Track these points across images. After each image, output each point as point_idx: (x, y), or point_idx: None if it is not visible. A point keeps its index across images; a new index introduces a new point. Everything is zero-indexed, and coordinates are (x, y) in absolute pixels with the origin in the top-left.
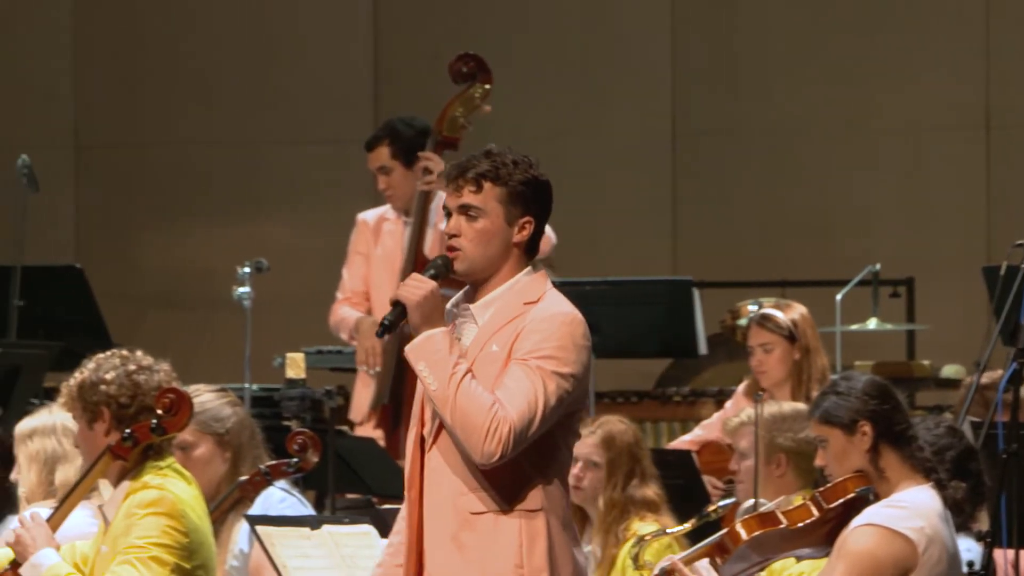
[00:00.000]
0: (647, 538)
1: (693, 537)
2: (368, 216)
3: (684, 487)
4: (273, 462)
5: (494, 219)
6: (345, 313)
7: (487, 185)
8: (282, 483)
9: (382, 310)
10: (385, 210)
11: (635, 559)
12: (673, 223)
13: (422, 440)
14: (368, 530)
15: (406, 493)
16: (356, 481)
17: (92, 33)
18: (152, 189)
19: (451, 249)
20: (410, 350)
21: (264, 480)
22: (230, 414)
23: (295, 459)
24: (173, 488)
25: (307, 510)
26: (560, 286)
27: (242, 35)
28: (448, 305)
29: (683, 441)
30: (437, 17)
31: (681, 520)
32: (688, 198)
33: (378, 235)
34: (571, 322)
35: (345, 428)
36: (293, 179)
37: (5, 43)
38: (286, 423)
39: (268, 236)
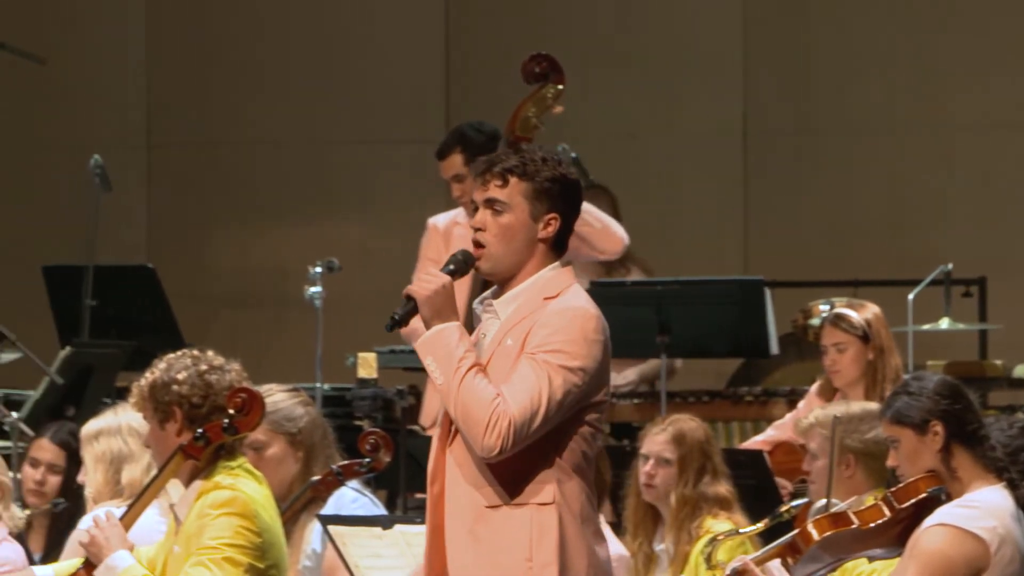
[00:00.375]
0: (719, 538)
1: (766, 537)
2: (439, 220)
3: (756, 487)
4: (345, 462)
5: (519, 214)
6: (417, 323)
7: (513, 180)
8: (354, 483)
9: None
10: (456, 214)
11: (708, 559)
12: (744, 222)
13: (448, 435)
14: None
15: (428, 488)
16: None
17: (164, 33)
18: (224, 189)
19: (477, 244)
20: (419, 344)
21: (336, 480)
22: (302, 414)
23: (367, 459)
24: (245, 488)
25: (379, 510)
26: (632, 286)
27: (314, 35)
28: (475, 302)
29: (755, 441)
30: (508, 16)
31: (753, 519)
32: (760, 197)
33: (449, 240)
34: (582, 316)
35: (417, 428)
36: (365, 179)
37: (78, 44)
38: (358, 423)
39: (340, 236)
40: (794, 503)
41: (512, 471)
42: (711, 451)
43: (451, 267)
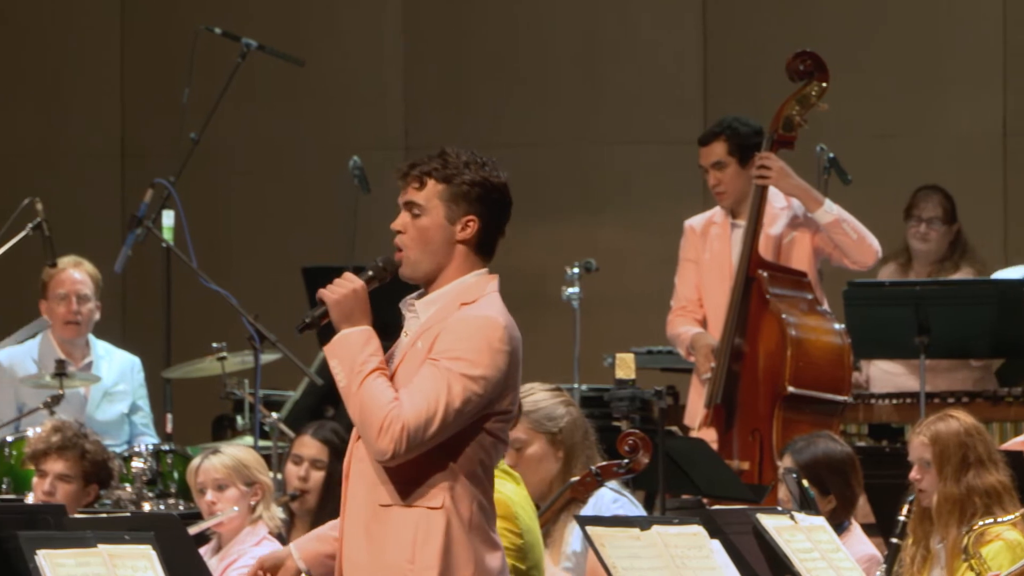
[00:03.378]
0: (975, 527)
1: None
2: (695, 222)
3: (1017, 488)
4: (604, 463)
5: (434, 216)
6: (680, 328)
7: (430, 182)
8: (613, 483)
9: (716, 315)
10: (712, 214)
11: (965, 549)
12: (1004, 223)
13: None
14: (697, 531)
15: (342, 482)
16: (686, 482)
17: (422, 35)
18: None
19: (399, 248)
20: (327, 347)
21: (595, 481)
22: (563, 413)
23: (626, 460)
24: (503, 489)
25: (638, 511)
26: (890, 286)
27: (572, 35)
28: (401, 302)
29: (1015, 442)
30: (766, 17)
31: None
32: (1020, 197)
33: (706, 239)
34: (489, 325)
35: (675, 428)
36: (623, 180)
37: (336, 48)
38: (615, 423)
39: (598, 236)
40: None
41: (407, 472)
42: (972, 442)
43: (369, 273)
